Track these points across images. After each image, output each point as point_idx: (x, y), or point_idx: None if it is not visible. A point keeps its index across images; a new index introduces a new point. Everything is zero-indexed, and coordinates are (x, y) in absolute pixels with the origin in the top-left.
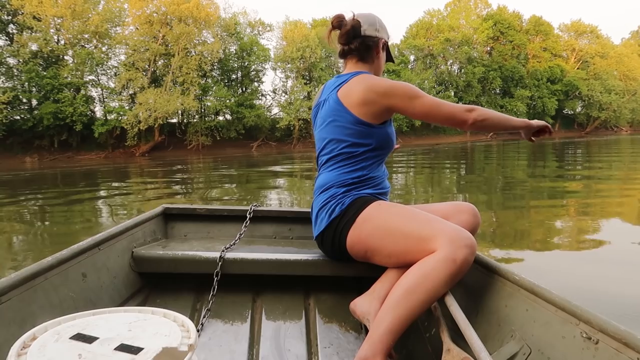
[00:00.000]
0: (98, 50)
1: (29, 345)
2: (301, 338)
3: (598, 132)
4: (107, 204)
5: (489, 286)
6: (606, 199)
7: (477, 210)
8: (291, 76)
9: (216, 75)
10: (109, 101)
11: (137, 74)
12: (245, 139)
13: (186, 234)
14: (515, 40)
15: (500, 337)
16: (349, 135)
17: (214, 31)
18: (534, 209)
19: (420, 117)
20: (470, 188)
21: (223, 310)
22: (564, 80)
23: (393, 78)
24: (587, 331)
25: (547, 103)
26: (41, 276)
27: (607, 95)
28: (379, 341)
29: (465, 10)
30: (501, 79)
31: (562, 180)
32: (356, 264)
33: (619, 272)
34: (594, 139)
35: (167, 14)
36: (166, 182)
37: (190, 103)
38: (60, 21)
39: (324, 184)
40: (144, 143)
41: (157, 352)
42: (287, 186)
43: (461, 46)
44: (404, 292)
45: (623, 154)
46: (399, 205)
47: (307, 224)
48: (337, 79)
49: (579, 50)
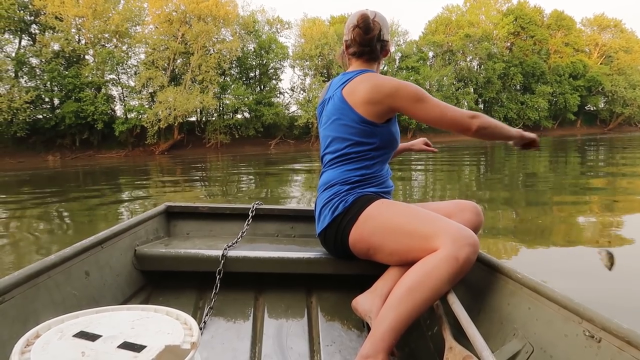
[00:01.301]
0: (118, 49)
1: (33, 343)
2: (303, 336)
3: (621, 129)
4: (126, 202)
5: (492, 284)
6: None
7: (480, 208)
8: (309, 74)
9: (235, 73)
10: (129, 100)
11: (156, 72)
12: (263, 137)
13: (189, 232)
14: (536, 36)
15: (503, 336)
16: (353, 134)
17: (232, 29)
18: (556, 205)
19: (424, 120)
20: (492, 185)
21: (225, 308)
22: (587, 75)
23: (411, 75)
24: (590, 329)
25: (569, 99)
26: (44, 274)
27: (631, 91)
28: (381, 339)
29: (485, 5)
30: (522, 74)
31: (586, 178)
32: (358, 262)
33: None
34: (617, 136)
35: (187, 13)
36: (186, 180)
37: (210, 101)
38: (82, 21)
39: (327, 182)
40: (164, 141)
41: (159, 350)
42: (305, 184)
43: (481, 42)
44: (406, 290)
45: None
46: (402, 204)
47: (309, 222)
48: (342, 77)
49: (602, 45)
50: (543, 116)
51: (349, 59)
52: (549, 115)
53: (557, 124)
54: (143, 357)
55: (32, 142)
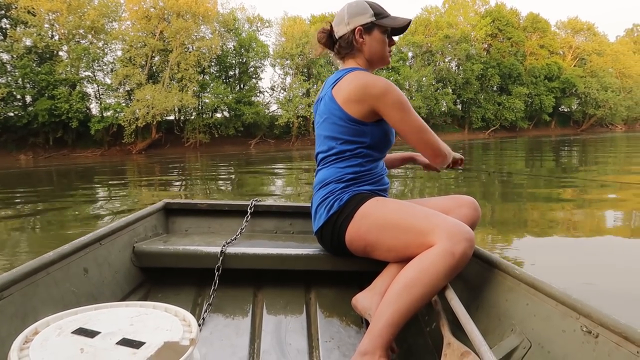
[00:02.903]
0: (94, 46)
1: (31, 340)
2: (302, 332)
3: (594, 130)
4: (101, 203)
5: (490, 280)
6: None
7: (477, 203)
8: (290, 73)
9: (214, 71)
10: (105, 98)
11: (134, 70)
12: (243, 137)
13: (187, 229)
14: (513, 38)
15: (501, 331)
16: (343, 132)
17: (212, 27)
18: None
19: (400, 131)
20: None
21: (224, 305)
22: (561, 77)
23: (391, 75)
24: (587, 325)
25: (544, 100)
26: (43, 271)
27: (603, 93)
28: (379, 335)
29: (463, 7)
30: (499, 76)
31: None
32: (357, 258)
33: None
34: (590, 137)
35: (165, 9)
36: (163, 180)
37: (189, 100)
38: (55, 16)
39: (323, 180)
40: (141, 140)
41: (158, 346)
42: (285, 189)
43: (460, 43)
44: (403, 286)
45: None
46: (397, 201)
47: (308, 218)
48: (335, 75)
49: (576, 47)
50: (519, 117)
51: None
52: (525, 116)
53: (533, 124)
54: (142, 353)
55: (3, 141)
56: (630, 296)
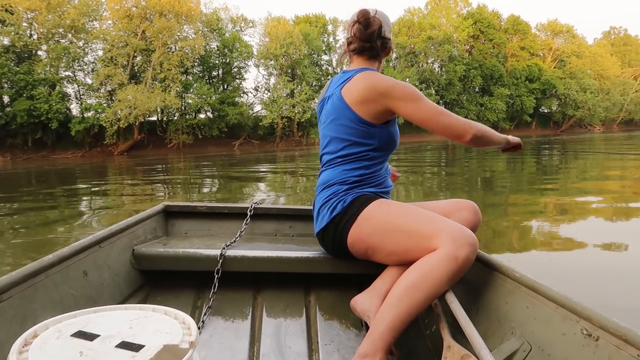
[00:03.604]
0: (74, 45)
1: (31, 343)
2: (302, 335)
3: (573, 130)
4: (82, 207)
5: (490, 283)
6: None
7: (477, 207)
8: (274, 73)
9: (197, 71)
10: (86, 98)
11: (116, 70)
12: (227, 137)
13: (187, 232)
14: (494, 39)
15: (501, 334)
16: (351, 134)
17: (195, 26)
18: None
19: (418, 121)
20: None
21: (224, 308)
22: (542, 79)
23: None
24: (588, 328)
25: (525, 101)
26: (42, 274)
27: (582, 94)
28: (379, 338)
29: (445, 9)
30: (481, 77)
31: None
32: (357, 261)
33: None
34: (569, 138)
35: (147, 8)
36: (145, 182)
37: (172, 100)
38: (34, 14)
39: (326, 181)
40: (123, 142)
41: (158, 349)
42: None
43: (443, 44)
44: (405, 290)
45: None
46: (400, 204)
47: (307, 221)
48: (342, 75)
49: (556, 49)
50: (501, 117)
51: (350, 57)
52: (507, 116)
53: (514, 125)
54: (141, 356)
55: None
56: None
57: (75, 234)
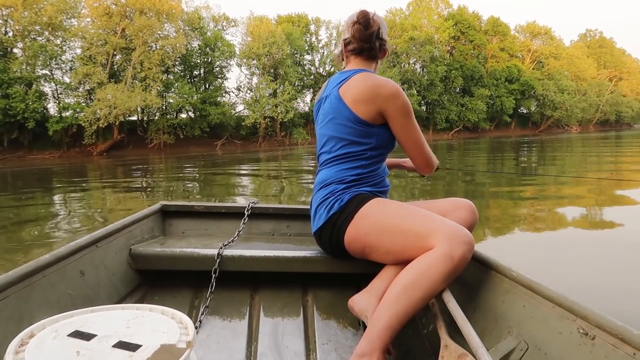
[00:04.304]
0: (51, 43)
1: (27, 343)
2: (299, 334)
3: (551, 131)
4: (55, 209)
5: (487, 282)
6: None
7: (474, 206)
8: (257, 73)
9: (178, 71)
10: (64, 97)
11: (95, 68)
12: (209, 137)
13: (184, 231)
14: (475, 40)
15: (498, 333)
16: (349, 134)
17: (177, 25)
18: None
19: (400, 137)
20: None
21: (221, 307)
22: (521, 80)
23: None
24: (584, 327)
25: (505, 102)
26: (39, 273)
27: (560, 95)
28: (377, 338)
29: (427, 9)
30: (462, 78)
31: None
32: (354, 260)
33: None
34: (548, 138)
35: (127, 6)
36: (124, 183)
37: (153, 100)
38: (9, 11)
39: (323, 180)
40: (102, 142)
41: (155, 349)
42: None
43: (424, 45)
44: (402, 289)
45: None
46: (397, 203)
47: (305, 220)
48: (340, 75)
49: (534, 51)
50: (481, 118)
51: (347, 57)
52: (487, 117)
53: (494, 125)
54: (138, 356)
55: None
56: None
57: (46, 241)
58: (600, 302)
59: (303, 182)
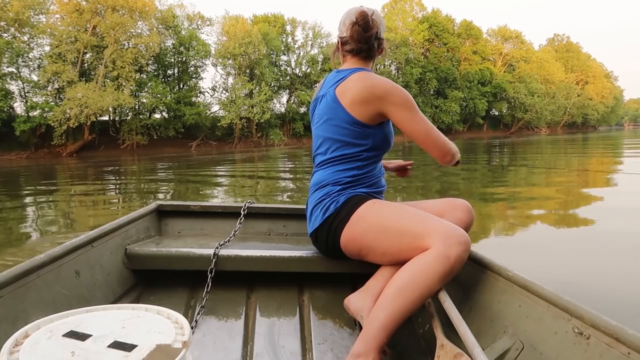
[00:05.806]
0: (18, 40)
1: (22, 343)
2: (295, 334)
3: (521, 132)
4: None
5: (483, 282)
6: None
7: (471, 206)
8: (232, 73)
9: (152, 70)
10: (32, 96)
11: (64, 66)
12: (184, 138)
13: (180, 231)
14: (449, 43)
15: (493, 333)
16: (345, 135)
17: (150, 23)
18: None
19: (407, 131)
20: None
21: (217, 307)
22: (493, 82)
23: None
24: (579, 326)
25: (478, 104)
26: (34, 273)
27: (530, 98)
28: (372, 338)
29: (401, 12)
30: (437, 80)
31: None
32: (350, 260)
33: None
34: (520, 140)
35: (98, 3)
36: (95, 185)
37: (126, 99)
38: None
39: (319, 182)
40: (72, 142)
41: (150, 349)
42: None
43: (399, 47)
44: (398, 290)
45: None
46: (393, 204)
47: (301, 220)
48: (336, 74)
49: (506, 54)
50: (455, 120)
51: (343, 56)
52: (460, 119)
53: (467, 127)
54: (134, 356)
55: None
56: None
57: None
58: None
59: (282, 184)
